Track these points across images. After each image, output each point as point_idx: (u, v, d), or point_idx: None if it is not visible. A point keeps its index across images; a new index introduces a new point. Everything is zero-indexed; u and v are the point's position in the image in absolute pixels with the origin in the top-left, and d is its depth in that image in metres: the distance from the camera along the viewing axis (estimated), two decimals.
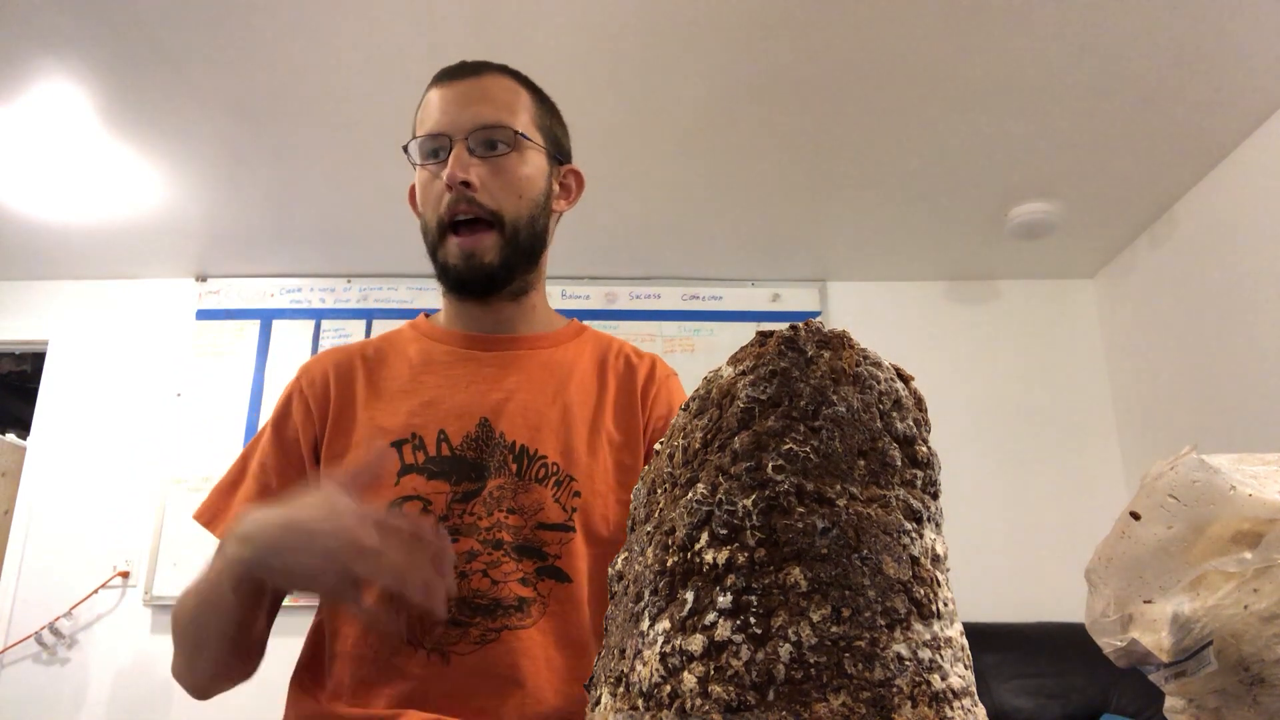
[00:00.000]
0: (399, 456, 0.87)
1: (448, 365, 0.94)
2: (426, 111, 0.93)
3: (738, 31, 2.03)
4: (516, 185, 0.92)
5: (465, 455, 0.87)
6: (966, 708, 0.38)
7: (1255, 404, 2.43)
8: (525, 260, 0.94)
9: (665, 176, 2.65)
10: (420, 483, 0.86)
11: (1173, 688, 0.49)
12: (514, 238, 0.92)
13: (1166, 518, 0.49)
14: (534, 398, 0.92)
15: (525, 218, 0.93)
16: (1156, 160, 2.53)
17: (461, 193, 0.88)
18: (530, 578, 0.84)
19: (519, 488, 0.87)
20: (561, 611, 0.84)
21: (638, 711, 0.38)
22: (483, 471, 0.87)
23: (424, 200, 0.93)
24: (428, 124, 0.92)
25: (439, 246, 0.92)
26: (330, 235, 2.99)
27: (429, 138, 0.91)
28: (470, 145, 0.90)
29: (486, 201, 0.89)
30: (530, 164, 0.94)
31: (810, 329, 0.42)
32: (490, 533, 0.84)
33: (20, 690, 2.84)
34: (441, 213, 0.90)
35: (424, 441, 0.88)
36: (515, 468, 0.87)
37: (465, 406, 0.90)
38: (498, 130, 0.91)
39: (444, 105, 0.92)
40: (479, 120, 0.90)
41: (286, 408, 0.94)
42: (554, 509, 0.87)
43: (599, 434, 0.92)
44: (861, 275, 3.32)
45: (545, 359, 0.96)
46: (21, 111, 2.27)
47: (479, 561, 0.83)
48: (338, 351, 0.97)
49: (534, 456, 0.88)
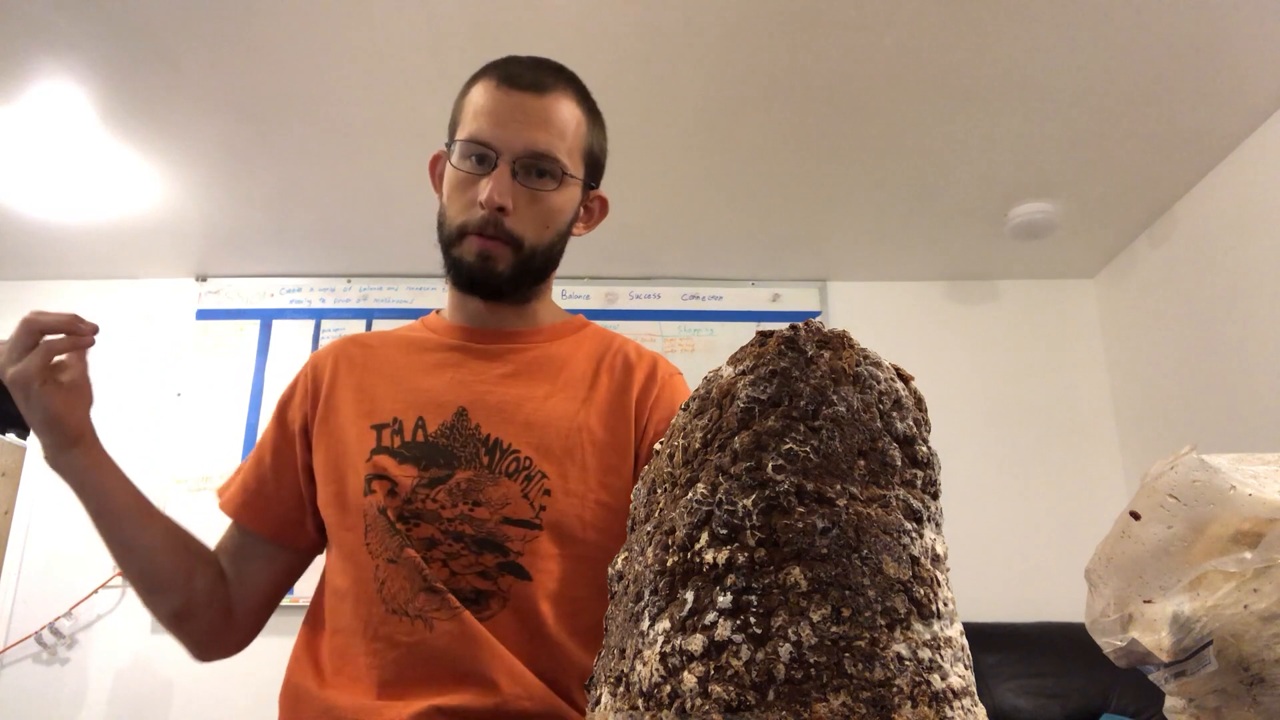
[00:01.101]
0: (377, 438, 0.89)
1: (438, 355, 0.96)
2: (478, 109, 0.91)
3: (738, 32, 2.03)
4: (546, 217, 0.93)
5: (439, 443, 0.88)
6: (966, 708, 0.38)
7: (1255, 404, 2.43)
8: (533, 279, 0.96)
9: (665, 176, 2.65)
10: (391, 464, 0.87)
11: (1173, 688, 0.49)
12: (529, 261, 0.92)
13: (1166, 517, 0.49)
14: (516, 393, 0.92)
15: (544, 246, 0.94)
16: (1156, 160, 2.53)
17: (495, 216, 0.89)
18: (491, 571, 0.84)
19: (488, 480, 0.86)
20: (519, 609, 0.83)
21: (638, 711, 0.38)
22: (453, 460, 0.87)
23: (451, 199, 0.93)
24: (478, 127, 0.90)
25: (455, 244, 0.92)
26: (330, 235, 2.99)
27: (476, 143, 0.90)
28: (515, 168, 0.90)
29: (514, 227, 0.90)
30: (565, 197, 0.94)
31: (810, 329, 0.42)
32: (452, 524, 0.84)
33: (20, 690, 2.84)
34: (469, 221, 0.90)
35: (403, 426, 0.89)
36: (486, 460, 0.87)
37: (445, 396, 0.91)
38: (547, 161, 0.91)
39: (499, 114, 0.90)
40: (532, 147, 0.90)
41: (292, 389, 0.98)
42: (521, 505, 0.86)
43: (580, 432, 0.91)
44: (861, 275, 3.32)
45: (537, 353, 0.97)
46: (21, 111, 2.27)
47: (439, 550, 0.84)
48: (349, 339, 1.01)
49: (506, 450, 0.88)
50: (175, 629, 0.92)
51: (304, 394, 0.97)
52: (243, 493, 0.96)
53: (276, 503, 0.95)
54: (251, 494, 0.96)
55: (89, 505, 0.86)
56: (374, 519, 0.86)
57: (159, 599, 0.90)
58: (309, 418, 0.95)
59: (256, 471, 0.96)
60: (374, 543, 0.86)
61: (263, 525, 0.96)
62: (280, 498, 0.95)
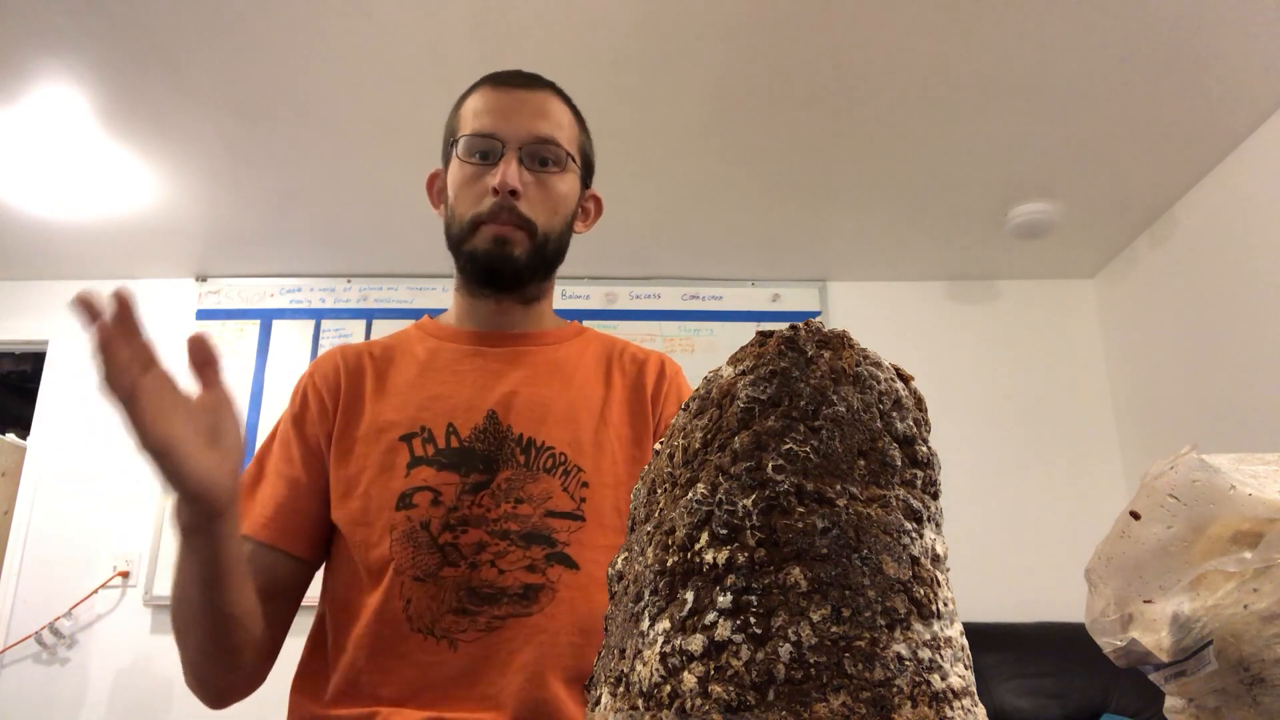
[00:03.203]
0: (409, 449, 0.88)
1: (454, 361, 0.96)
2: (479, 109, 0.94)
3: (738, 32, 2.03)
4: (555, 202, 0.95)
5: (474, 447, 0.88)
6: (966, 708, 0.38)
7: (1255, 404, 2.43)
8: (545, 269, 0.97)
9: (665, 177, 2.65)
10: (430, 474, 0.87)
11: (1173, 688, 0.49)
12: (543, 246, 0.94)
13: (1166, 517, 0.49)
14: (540, 391, 0.93)
15: (556, 232, 0.96)
16: (1156, 160, 2.53)
17: (508, 201, 0.91)
18: (539, 564, 0.85)
19: (527, 478, 0.88)
20: (571, 598, 0.84)
21: (637, 711, 0.38)
22: (492, 463, 0.88)
23: (460, 195, 0.94)
24: (479, 124, 0.93)
25: (468, 239, 0.93)
26: (330, 235, 2.99)
27: (480, 137, 0.92)
28: (522, 155, 0.92)
29: (526, 211, 0.92)
30: (567, 184, 0.97)
31: (810, 329, 0.42)
32: (498, 524, 0.85)
33: (20, 690, 2.84)
34: (481, 211, 0.92)
35: (433, 434, 0.89)
36: (523, 459, 0.89)
37: (472, 400, 0.91)
38: (551, 147, 0.94)
39: (500, 110, 0.93)
40: (536, 133, 0.93)
41: (304, 403, 0.94)
42: (563, 498, 0.88)
43: (606, 428, 0.93)
44: (861, 275, 3.32)
45: (550, 355, 0.98)
46: (21, 111, 2.27)
47: (487, 553, 0.84)
48: (346, 349, 0.99)
49: (541, 447, 0.90)
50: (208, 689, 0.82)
51: (320, 406, 0.93)
52: (277, 513, 0.89)
53: (314, 521, 0.90)
54: (286, 513, 0.89)
55: (206, 573, 0.73)
56: (408, 534, 0.84)
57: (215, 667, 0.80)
58: (329, 433, 0.92)
59: (291, 490, 0.90)
60: (402, 559, 0.84)
61: (299, 545, 0.90)
62: (315, 515, 0.90)
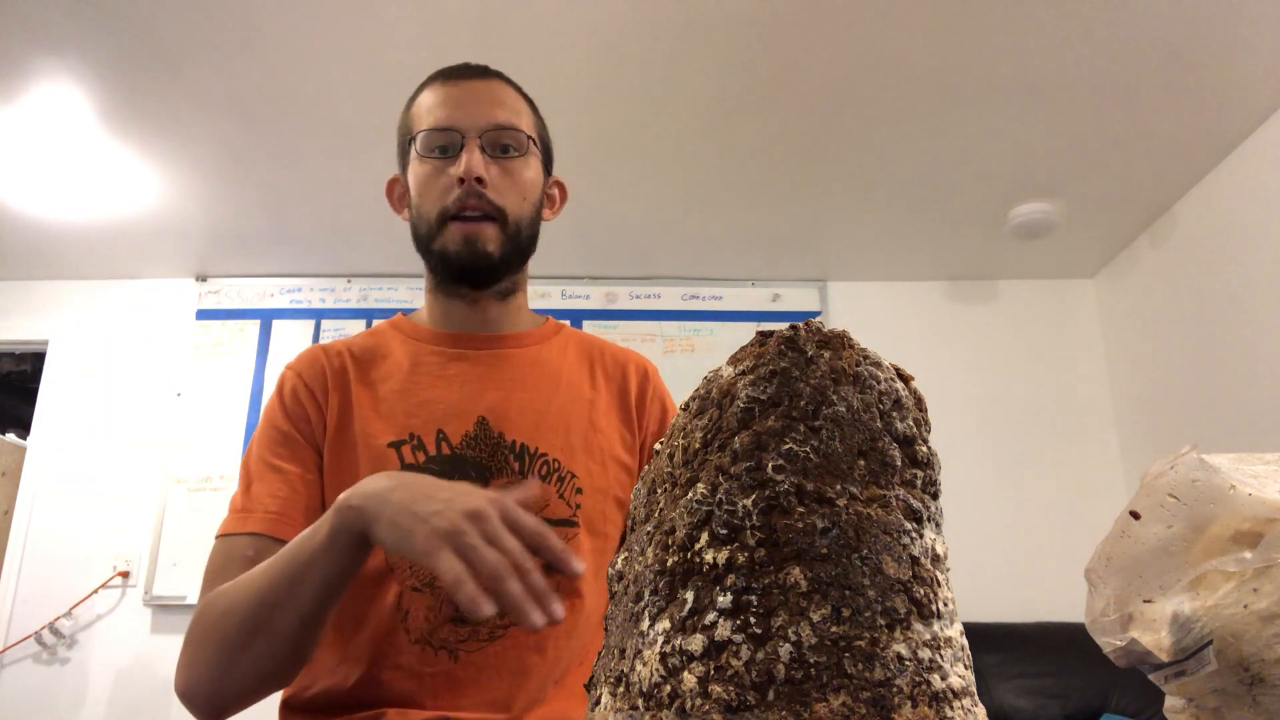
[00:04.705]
0: (399, 458, 0.86)
1: (440, 365, 0.93)
2: (430, 106, 0.92)
3: (738, 32, 2.03)
4: (522, 188, 0.93)
5: (466, 454, 0.87)
6: (966, 708, 0.38)
7: (1255, 404, 2.43)
8: (519, 259, 0.95)
9: (665, 176, 2.65)
10: None
11: (1173, 687, 0.49)
12: (515, 235, 0.92)
13: (1166, 517, 0.49)
14: (531, 396, 0.92)
15: (526, 218, 0.94)
16: (1156, 160, 2.53)
17: (474, 188, 0.88)
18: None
19: None
20: (570, 605, 0.84)
21: (638, 711, 0.38)
22: (485, 471, 0.87)
23: (424, 193, 0.91)
24: (435, 118, 0.91)
25: (437, 236, 0.90)
26: (330, 235, 2.99)
27: (438, 132, 0.91)
28: (483, 144, 0.90)
29: (495, 198, 0.90)
30: (532, 169, 0.95)
31: (810, 329, 0.42)
32: None
33: (20, 690, 2.84)
34: (448, 204, 0.89)
35: (423, 442, 0.87)
36: (517, 466, 0.87)
37: (461, 406, 0.90)
38: (510, 133, 0.92)
39: (455, 102, 0.91)
40: (494, 121, 0.91)
41: (296, 401, 0.90)
42: (558, 504, 0.87)
43: (596, 432, 0.93)
44: (861, 275, 3.32)
45: (534, 356, 0.97)
46: (21, 111, 2.26)
47: None
48: (327, 347, 0.94)
49: (535, 454, 0.89)
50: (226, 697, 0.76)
51: (314, 406, 0.89)
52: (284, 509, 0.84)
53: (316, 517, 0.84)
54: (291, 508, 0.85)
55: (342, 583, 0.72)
56: None
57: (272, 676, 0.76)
58: (322, 434, 0.89)
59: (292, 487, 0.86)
60: (398, 569, 0.83)
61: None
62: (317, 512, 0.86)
